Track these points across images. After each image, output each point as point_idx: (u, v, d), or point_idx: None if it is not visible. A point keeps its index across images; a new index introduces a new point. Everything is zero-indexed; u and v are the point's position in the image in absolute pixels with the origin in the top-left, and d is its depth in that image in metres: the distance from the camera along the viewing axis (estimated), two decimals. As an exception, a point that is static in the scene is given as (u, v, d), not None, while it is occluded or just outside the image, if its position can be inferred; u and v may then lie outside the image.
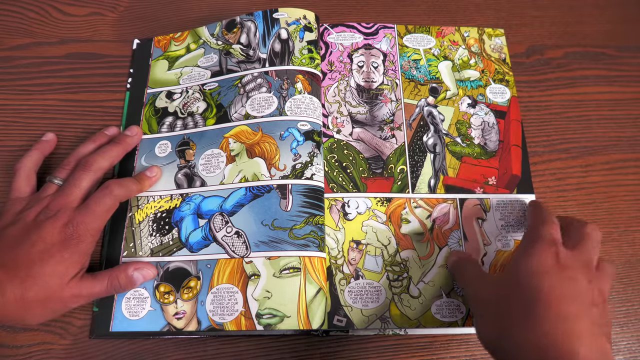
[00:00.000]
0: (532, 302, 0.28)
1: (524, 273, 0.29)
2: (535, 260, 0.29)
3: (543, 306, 0.27)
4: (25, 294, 0.29)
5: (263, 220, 0.36)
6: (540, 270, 0.29)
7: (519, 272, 0.30)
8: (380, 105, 0.43)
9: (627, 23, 0.50)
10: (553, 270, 0.29)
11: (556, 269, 0.29)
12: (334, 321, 0.35)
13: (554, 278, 0.28)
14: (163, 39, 0.45)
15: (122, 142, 0.38)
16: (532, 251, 0.30)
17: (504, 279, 0.31)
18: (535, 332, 0.27)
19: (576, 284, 0.28)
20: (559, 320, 0.26)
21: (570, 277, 0.29)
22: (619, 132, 0.45)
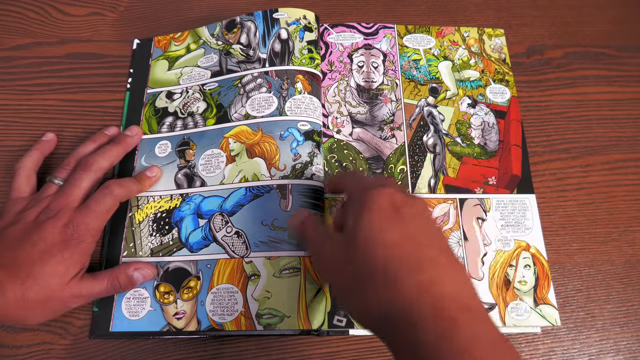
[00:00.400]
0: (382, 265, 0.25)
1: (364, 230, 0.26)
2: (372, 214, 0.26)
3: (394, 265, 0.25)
4: (26, 294, 0.29)
5: (263, 220, 0.36)
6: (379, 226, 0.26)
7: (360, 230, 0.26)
8: (380, 105, 0.43)
9: (627, 23, 0.50)
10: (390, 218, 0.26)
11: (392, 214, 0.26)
12: (334, 321, 0.35)
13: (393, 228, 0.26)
14: (163, 39, 0.45)
15: (122, 142, 0.38)
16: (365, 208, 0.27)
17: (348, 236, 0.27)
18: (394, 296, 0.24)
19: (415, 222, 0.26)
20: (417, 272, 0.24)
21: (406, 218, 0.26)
22: (619, 132, 0.45)
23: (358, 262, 0.26)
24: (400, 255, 0.25)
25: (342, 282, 0.27)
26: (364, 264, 0.26)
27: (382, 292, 0.25)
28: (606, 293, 0.39)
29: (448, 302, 0.23)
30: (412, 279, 0.24)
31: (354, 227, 0.27)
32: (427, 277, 0.24)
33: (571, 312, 0.38)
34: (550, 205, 0.41)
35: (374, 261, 0.25)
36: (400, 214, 0.26)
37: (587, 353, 0.37)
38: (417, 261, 0.25)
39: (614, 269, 0.40)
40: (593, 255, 0.40)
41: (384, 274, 0.25)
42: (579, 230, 0.41)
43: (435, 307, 0.23)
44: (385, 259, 0.25)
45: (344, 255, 0.27)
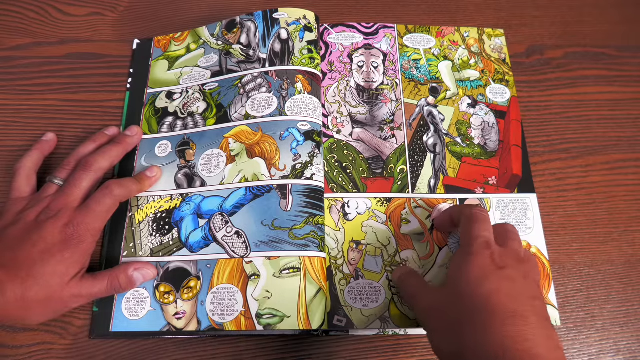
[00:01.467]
0: (478, 311, 0.27)
1: (465, 280, 0.29)
2: (473, 265, 0.29)
3: (489, 313, 0.27)
4: (26, 294, 0.29)
5: (263, 220, 0.36)
6: (479, 276, 0.28)
7: (461, 280, 0.29)
8: (380, 105, 0.43)
9: (627, 23, 0.50)
10: (491, 273, 0.28)
11: (493, 270, 0.29)
12: (334, 321, 0.35)
13: (493, 281, 0.28)
14: (163, 39, 0.45)
15: (122, 142, 0.38)
16: (469, 257, 0.30)
17: (448, 287, 0.31)
18: (488, 341, 0.26)
19: (515, 283, 0.28)
20: (507, 324, 0.26)
21: (509, 277, 0.28)
22: (619, 132, 0.45)
23: (452, 308, 0.29)
24: (493, 307, 0.27)
25: (437, 326, 0.30)
26: (457, 309, 0.28)
27: (471, 337, 0.27)
28: (606, 293, 0.39)
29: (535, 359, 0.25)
30: (502, 330, 0.26)
31: (454, 277, 0.30)
32: (517, 331, 0.26)
33: (571, 312, 0.38)
34: (550, 205, 0.41)
35: (468, 307, 0.28)
36: (502, 272, 0.29)
37: (587, 353, 0.37)
38: (511, 314, 0.26)
39: (614, 269, 0.40)
40: (593, 255, 0.40)
41: (475, 321, 0.27)
42: (579, 230, 0.41)
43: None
44: (479, 307, 0.27)
45: (439, 301, 0.30)
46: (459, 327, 0.28)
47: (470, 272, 0.29)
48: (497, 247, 0.31)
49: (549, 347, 0.26)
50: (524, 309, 0.27)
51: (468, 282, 0.29)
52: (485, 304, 0.27)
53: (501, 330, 0.26)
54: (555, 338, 0.27)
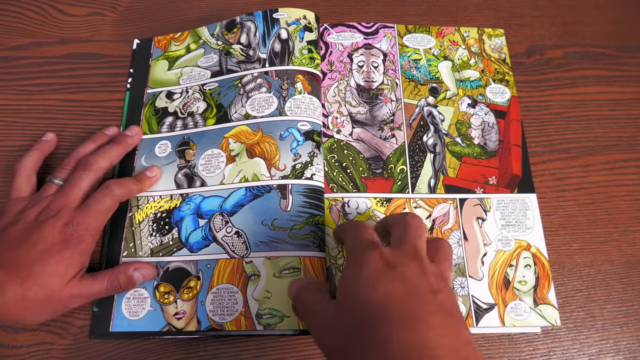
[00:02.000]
0: (373, 322, 0.24)
1: (354, 288, 0.26)
2: (362, 270, 0.27)
3: (386, 323, 0.24)
4: (26, 294, 0.29)
5: (263, 220, 0.36)
6: (369, 280, 0.26)
7: (350, 289, 0.27)
8: (380, 105, 0.43)
9: (627, 23, 0.50)
10: (382, 275, 0.26)
11: (385, 271, 0.26)
12: (334, 321, 0.35)
13: (385, 283, 0.25)
14: (163, 39, 0.45)
15: (122, 142, 0.38)
16: (356, 262, 0.28)
17: (338, 300, 0.28)
18: (387, 353, 0.23)
19: (412, 280, 0.26)
20: (407, 332, 0.23)
21: (403, 275, 0.26)
22: (619, 132, 0.45)
23: (345, 323, 0.26)
24: (390, 313, 0.24)
25: (330, 343, 0.27)
26: (350, 323, 0.25)
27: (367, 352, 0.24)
28: (606, 293, 0.39)
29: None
30: (403, 340, 0.23)
31: (342, 288, 0.28)
32: (420, 338, 0.23)
33: (571, 312, 0.38)
34: (550, 205, 0.41)
35: (362, 319, 0.25)
36: (395, 271, 0.26)
37: (587, 353, 0.37)
38: (411, 318, 0.24)
39: (614, 269, 0.40)
40: (593, 255, 0.40)
41: (371, 335, 0.24)
42: (579, 230, 0.41)
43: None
44: (373, 317, 0.25)
45: (332, 317, 0.27)
46: (355, 346, 0.25)
47: (360, 277, 0.26)
48: (385, 248, 0.28)
49: (455, 347, 0.23)
50: (425, 309, 0.25)
51: (357, 290, 0.26)
52: (380, 311, 0.25)
53: (403, 341, 0.23)
54: (463, 333, 0.24)
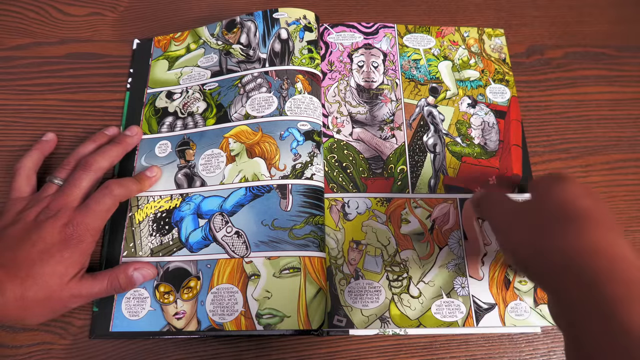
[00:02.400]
0: (577, 218, 0.26)
1: (561, 190, 0.28)
2: (570, 183, 0.28)
3: (589, 220, 0.26)
4: (25, 294, 0.29)
5: (263, 220, 0.36)
6: (577, 192, 0.28)
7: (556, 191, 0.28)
8: (380, 105, 0.43)
9: (627, 23, 0.50)
10: (586, 195, 0.28)
11: (586, 194, 0.28)
12: (334, 321, 0.35)
13: (588, 200, 0.27)
14: (163, 39, 0.45)
15: (122, 142, 0.38)
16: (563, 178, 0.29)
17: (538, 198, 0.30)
18: (586, 242, 0.25)
19: (604, 207, 0.27)
20: (603, 231, 0.25)
21: (599, 201, 0.28)
22: (619, 132, 0.45)
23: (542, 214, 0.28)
24: (595, 217, 0.26)
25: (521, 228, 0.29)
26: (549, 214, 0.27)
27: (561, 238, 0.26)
28: (606, 293, 0.39)
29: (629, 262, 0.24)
30: (606, 235, 0.25)
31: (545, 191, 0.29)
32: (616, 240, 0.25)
33: (571, 312, 0.38)
34: (550, 205, 0.41)
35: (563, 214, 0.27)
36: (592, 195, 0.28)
37: (587, 353, 0.37)
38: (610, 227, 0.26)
39: (614, 269, 0.39)
40: (593, 255, 0.40)
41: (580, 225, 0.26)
42: (579, 230, 0.40)
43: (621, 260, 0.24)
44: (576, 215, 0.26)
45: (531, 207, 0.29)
46: (548, 228, 0.27)
47: (569, 186, 0.28)
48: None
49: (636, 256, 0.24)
50: (615, 227, 0.26)
51: (566, 192, 0.28)
52: (584, 213, 0.26)
53: (599, 234, 0.25)
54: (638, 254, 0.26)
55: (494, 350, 0.36)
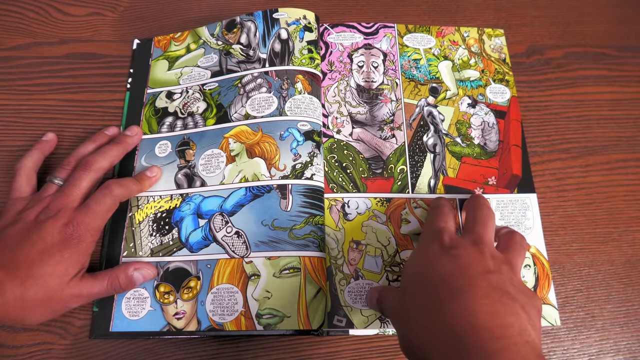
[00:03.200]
0: (428, 297, 0.26)
1: (414, 272, 0.29)
2: (421, 255, 0.29)
3: (436, 296, 0.26)
4: (25, 294, 0.29)
5: (263, 220, 0.36)
6: (425, 263, 0.28)
7: (412, 273, 0.29)
8: (380, 105, 0.43)
9: (627, 23, 0.50)
10: (437, 257, 0.28)
11: (439, 252, 0.28)
12: (334, 321, 0.35)
13: (437, 264, 0.27)
14: (163, 39, 0.45)
15: (122, 142, 0.38)
16: (419, 248, 0.30)
17: (403, 286, 0.30)
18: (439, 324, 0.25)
19: (461, 259, 0.27)
20: (453, 302, 0.25)
21: (454, 255, 0.27)
22: (619, 132, 0.45)
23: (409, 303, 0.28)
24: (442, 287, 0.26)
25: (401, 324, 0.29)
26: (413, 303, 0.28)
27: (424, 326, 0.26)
28: (606, 293, 0.39)
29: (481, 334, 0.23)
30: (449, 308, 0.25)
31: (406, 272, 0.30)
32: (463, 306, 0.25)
33: (571, 312, 0.38)
34: (550, 205, 0.41)
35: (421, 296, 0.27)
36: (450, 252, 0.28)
37: (587, 353, 0.37)
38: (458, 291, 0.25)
39: (614, 269, 0.40)
40: (593, 255, 0.40)
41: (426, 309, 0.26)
42: (579, 230, 0.41)
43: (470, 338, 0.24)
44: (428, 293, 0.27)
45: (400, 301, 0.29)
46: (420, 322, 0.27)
47: (418, 262, 0.29)
48: (452, 235, 0.30)
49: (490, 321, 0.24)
50: (472, 283, 0.25)
51: (416, 273, 0.28)
52: (434, 287, 0.26)
53: (449, 311, 0.25)
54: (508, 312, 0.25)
55: (493, 350, 0.36)
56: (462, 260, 0.27)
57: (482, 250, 0.29)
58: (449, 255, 0.28)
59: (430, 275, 0.27)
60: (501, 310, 0.24)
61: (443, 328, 0.25)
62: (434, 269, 0.27)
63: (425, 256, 0.28)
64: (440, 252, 0.28)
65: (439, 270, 0.27)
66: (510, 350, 0.23)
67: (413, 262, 0.30)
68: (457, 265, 0.27)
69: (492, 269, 0.27)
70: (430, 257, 0.28)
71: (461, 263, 0.27)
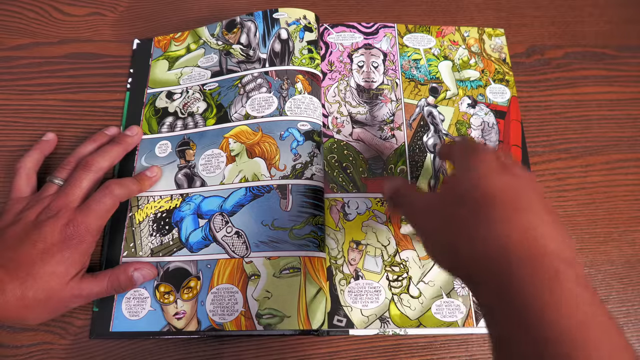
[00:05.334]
0: (485, 204, 0.25)
1: (468, 176, 0.28)
2: (478, 166, 0.28)
3: (496, 206, 0.25)
4: (25, 294, 0.29)
5: (263, 221, 0.36)
6: (486, 173, 0.27)
7: (465, 181, 0.28)
8: (380, 105, 0.43)
9: (627, 23, 0.50)
10: (499, 171, 0.27)
11: (501, 169, 0.27)
12: (334, 321, 0.35)
13: (502, 177, 0.27)
14: (163, 39, 0.45)
15: (123, 142, 0.38)
16: (472, 160, 0.28)
17: (445, 190, 0.29)
18: (495, 234, 0.24)
19: (524, 181, 0.27)
20: (514, 216, 0.24)
21: (517, 175, 0.27)
22: (619, 132, 0.45)
23: (460, 203, 0.27)
24: (507, 199, 0.25)
25: (434, 225, 0.28)
26: (458, 207, 0.26)
27: (483, 229, 0.25)
28: (606, 293, 0.39)
29: (550, 255, 0.23)
30: (519, 219, 0.24)
31: (454, 179, 0.29)
32: (526, 221, 0.24)
33: (571, 312, 0.38)
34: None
35: (471, 203, 0.26)
36: (509, 170, 0.27)
37: (587, 353, 0.37)
38: (520, 207, 0.25)
39: (614, 269, 0.40)
40: (593, 255, 0.40)
41: (488, 213, 0.25)
42: (579, 230, 0.41)
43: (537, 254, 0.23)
44: (483, 201, 0.26)
45: (441, 200, 0.28)
46: (462, 226, 0.26)
47: (475, 172, 0.27)
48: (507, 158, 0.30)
49: (560, 243, 0.24)
50: (538, 205, 0.25)
51: (471, 182, 0.27)
52: (491, 197, 0.25)
53: (510, 224, 0.24)
54: (568, 239, 0.25)
55: (493, 350, 0.36)
56: (524, 180, 0.27)
57: (534, 177, 0.30)
58: (510, 174, 0.27)
59: (489, 187, 0.26)
60: (561, 231, 0.25)
61: (500, 238, 0.24)
62: (494, 183, 0.26)
63: (483, 168, 0.27)
64: (500, 170, 0.27)
65: (500, 185, 0.26)
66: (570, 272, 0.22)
67: (467, 171, 0.28)
68: (519, 184, 0.27)
69: (544, 196, 0.27)
70: (489, 169, 0.27)
71: (523, 182, 0.27)
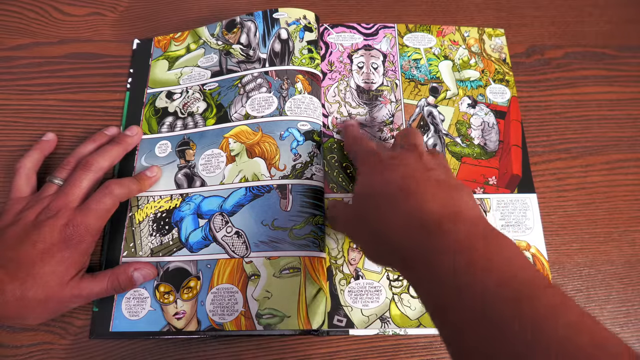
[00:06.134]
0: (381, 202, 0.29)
1: (363, 186, 0.31)
2: (366, 172, 0.31)
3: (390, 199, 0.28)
4: (25, 294, 0.29)
5: (263, 220, 0.36)
6: (372, 176, 0.31)
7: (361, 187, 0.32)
8: (380, 106, 0.43)
9: (627, 23, 0.50)
10: (382, 168, 0.30)
11: (383, 166, 0.31)
12: (334, 321, 0.35)
13: (384, 173, 0.30)
14: (163, 39, 0.45)
15: (123, 142, 0.38)
16: (362, 167, 0.33)
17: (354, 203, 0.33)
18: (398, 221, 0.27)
19: (405, 166, 0.30)
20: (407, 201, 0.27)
21: (398, 164, 0.30)
22: (619, 132, 0.45)
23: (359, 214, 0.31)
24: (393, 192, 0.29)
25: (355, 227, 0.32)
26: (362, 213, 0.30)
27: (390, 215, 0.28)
28: (606, 293, 0.39)
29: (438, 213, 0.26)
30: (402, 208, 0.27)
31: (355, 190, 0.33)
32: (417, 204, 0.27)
33: (571, 312, 0.38)
34: (550, 205, 0.41)
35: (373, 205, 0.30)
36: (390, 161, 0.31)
37: (587, 353, 0.37)
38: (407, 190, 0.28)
39: (614, 269, 0.39)
40: (593, 255, 0.40)
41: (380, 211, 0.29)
42: (579, 230, 0.41)
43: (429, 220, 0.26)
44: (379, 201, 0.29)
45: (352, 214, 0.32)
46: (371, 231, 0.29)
47: (365, 177, 0.31)
48: (385, 151, 0.33)
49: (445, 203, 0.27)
50: (422, 183, 0.28)
51: (365, 187, 0.31)
52: (384, 194, 0.29)
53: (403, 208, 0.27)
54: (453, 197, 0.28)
55: (494, 350, 0.36)
56: (405, 166, 0.30)
57: (420, 154, 0.32)
58: (392, 165, 0.30)
59: (379, 186, 0.29)
60: (451, 198, 0.28)
61: (404, 224, 0.27)
62: (382, 180, 0.30)
63: (370, 173, 0.31)
64: (383, 166, 0.31)
65: (387, 179, 0.29)
66: (465, 221, 0.25)
67: (361, 182, 0.32)
68: (402, 171, 0.29)
69: (431, 167, 0.30)
70: (375, 172, 0.31)
71: (406, 169, 0.30)
